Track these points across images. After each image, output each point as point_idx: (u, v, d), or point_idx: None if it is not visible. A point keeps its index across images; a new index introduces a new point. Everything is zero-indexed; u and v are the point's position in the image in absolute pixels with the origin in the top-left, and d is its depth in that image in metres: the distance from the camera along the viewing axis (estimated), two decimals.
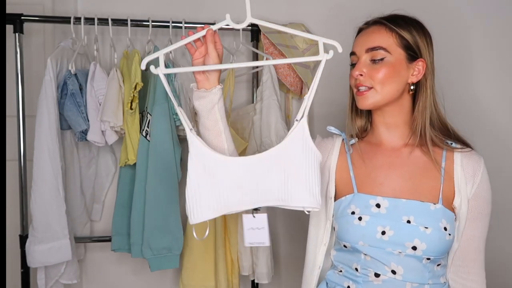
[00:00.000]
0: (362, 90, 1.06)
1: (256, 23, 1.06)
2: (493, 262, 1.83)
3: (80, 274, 1.64)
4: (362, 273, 1.05)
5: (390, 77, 1.05)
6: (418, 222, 1.01)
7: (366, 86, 1.06)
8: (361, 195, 1.08)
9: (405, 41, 1.06)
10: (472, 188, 1.05)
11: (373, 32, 1.07)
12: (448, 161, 1.07)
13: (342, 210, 1.10)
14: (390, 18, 1.08)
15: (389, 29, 1.06)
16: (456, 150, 1.07)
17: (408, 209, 1.03)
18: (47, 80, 1.41)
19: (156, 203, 1.41)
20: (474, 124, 1.80)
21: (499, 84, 1.85)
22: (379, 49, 1.05)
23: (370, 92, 1.06)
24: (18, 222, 1.55)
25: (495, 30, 1.84)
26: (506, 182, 1.86)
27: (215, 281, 1.57)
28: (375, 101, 1.06)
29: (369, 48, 1.06)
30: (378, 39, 1.06)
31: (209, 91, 1.01)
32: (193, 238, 1.56)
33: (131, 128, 1.49)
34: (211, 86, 1.01)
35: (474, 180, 1.05)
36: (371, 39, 1.07)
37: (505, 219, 1.88)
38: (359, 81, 1.06)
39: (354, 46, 1.10)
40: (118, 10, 1.67)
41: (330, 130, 1.17)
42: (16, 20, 1.49)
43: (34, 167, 1.43)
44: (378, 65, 1.05)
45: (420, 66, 1.07)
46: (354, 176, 1.12)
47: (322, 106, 1.81)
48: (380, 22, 1.08)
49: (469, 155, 1.07)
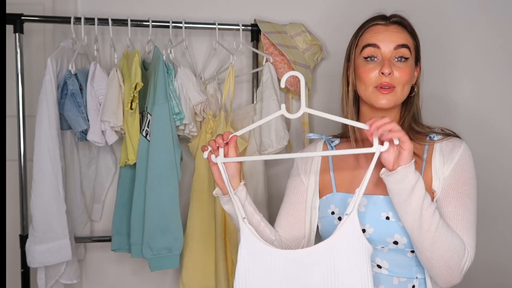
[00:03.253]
0: (385, 88, 1.04)
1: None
2: (493, 262, 1.84)
3: (80, 274, 1.64)
4: None
5: (409, 79, 1.06)
6: (396, 217, 1.01)
7: (391, 86, 1.04)
8: (340, 194, 1.09)
9: (416, 44, 1.08)
10: (447, 169, 1.03)
11: (397, 31, 1.06)
12: (429, 152, 1.06)
13: (323, 210, 1.11)
14: (405, 20, 1.09)
15: (408, 31, 1.07)
16: (438, 141, 1.07)
17: (386, 205, 1.02)
18: (47, 80, 1.41)
19: (156, 203, 1.41)
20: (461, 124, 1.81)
21: (485, 84, 1.86)
22: (406, 47, 1.05)
23: (393, 92, 1.05)
24: (18, 222, 1.55)
25: (481, 29, 1.85)
26: (503, 182, 1.86)
27: (215, 281, 1.57)
28: (395, 101, 1.06)
29: (400, 44, 1.05)
30: (404, 38, 1.06)
31: (235, 192, 1.04)
32: (193, 238, 1.56)
33: (131, 128, 1.49)
34: (235, 187, 1.05)
35: (451, 160, 1.03)
36: (399, 37, 1.06)
37: (505, 219, 1.87)
38: (386, 79, 1.04)
39: (375, 39, 1.06)
40: (118, 10, 1.67)
41: (309, 137, 1.18)
42: (16, 20, 1.49)
43: (34, 167, 1.43)
44: (403, 65, 1.05)
45: (418, 71, 1.10)
46: (334, 176, 1.12)
47: (323, 107, 1.81)
48: (401, 23, 1.08)
49: (448, 141, 1.07)
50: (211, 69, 1.74)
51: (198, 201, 1.56)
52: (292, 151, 1.79)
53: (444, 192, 1.02)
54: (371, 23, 1.09)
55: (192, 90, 1.52)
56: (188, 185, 1.63)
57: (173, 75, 1.51)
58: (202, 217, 1.57)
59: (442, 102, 1.82)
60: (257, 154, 1.61)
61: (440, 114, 1.77)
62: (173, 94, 1.46)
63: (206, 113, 1.58)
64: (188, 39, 1.66)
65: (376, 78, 1.05)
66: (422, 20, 1.26)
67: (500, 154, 1.87)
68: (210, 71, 1.74)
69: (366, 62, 1.07)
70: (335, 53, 1.77)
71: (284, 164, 1.80)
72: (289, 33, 1.68)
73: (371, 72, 1.05)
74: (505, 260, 1.87)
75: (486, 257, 1.07)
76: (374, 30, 1.08)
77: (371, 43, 1.06)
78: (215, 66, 1.74)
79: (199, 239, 1.56)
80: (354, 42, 1.12)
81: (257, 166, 1.62)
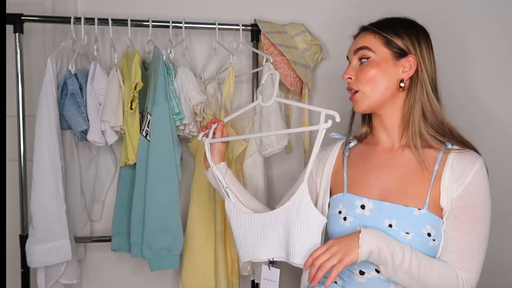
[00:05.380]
0: (352, 93, 1.11)
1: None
2: (493, 262, 1.84)
3: (80, 274, 1.64)
4: (348, 269, 1.08)
5: (375, 75, 1.08)
6: (399, 227, 1.01)
7: (354, 90, 1.10)
8: (350, 195, 1.11)
9: (389, 40, 1.08)
10: (458, 188, 1.01)
11: (360, 37, 1.13)
12: (442, 164, 1.05)
13: (332, 208, 1.14)
14: (375, 23, 1.13)
15: (373, 32, 1.11)
16: (453, 151, 1.05)
17: (391, 213, 1.03)
18: (47, 80, 1.41)
19: (156, 203, 1.41)
20: (474, 123, 1.80)
21: (498, 83, 1.85)
22: (364, 49, 1.10)
23: (358, 96, 1.10)
24: (18, 222, 1.55)
25: (494, 29, 1.84)
26: (507, 182, 1.86)
27: (215, 281, 1.57)
28: (367, 103, 1.10)
29: (356, 48, 1.11)
30: (363, 41, 1.11)
31: (217, 168, 1.22)
32: (193, 238, 1.56)
33: (131, 128, 1.49)
34: (216, 164, 1.23)
35: (463, 179, 1.01)
36: (357, 42, 1.13)
37: (505, 220, 1.87)
38: (349, 85, 1.12)
39: (348, 52, 1.16)
40: (118, 10, 1.67)
41: (332, 136, 1.23)
42: (16, 20, 1.48)
43: (34, 167, 1.43)
44: (363, 66, 1.09)
45: (412, 62, 1.07)
46: (347, 177, 1.15)
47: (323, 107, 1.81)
48: (365, 28, 1.14)
49: (463, 154, 1.04)
50: (211, 69, 1.74)
51: (198, 201, 1.56)
52: (292, 151, 1.79)
53: (454, 213, 1.01)
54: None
55: (192, 90, 1.52)
56: (188, 185, 1.63)
57: (173, 75, 1.51)
58: (202, 217, 1.57)
59: (457, 101, 1.77)
60: (257, 155, 1.61)
61: (454, 113, 1.76)
62: (173, 94, 1.46)
63: (206, 113, 1.58)
64: (188, 39, 1.66)
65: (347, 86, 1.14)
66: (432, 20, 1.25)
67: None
68: (210, 71, 1.74)
69: None
70: (335, 53, 1.77)
71: (284, 164, 1.80)
72: (289, 33, 1.68)
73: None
74: (505, 260, 1.86)
75: (486, 257, 1.07)
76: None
77: (347, 57, 1.16)
78: (215, 66, 1.74)
79: (199, 239, 1.56)
80: None
81: (257, 166, 1.62)
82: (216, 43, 1.61)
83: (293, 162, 1.81)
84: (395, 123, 1.11)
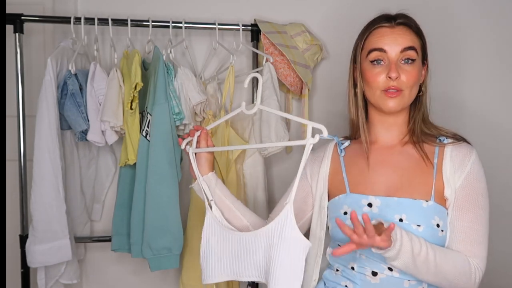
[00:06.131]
0: (393, 92, 1.04)
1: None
2: (493, 262, 1.84)
3: (80, 274, 1.64)
4: (359, 272, 1.06)
5: (417, 80, 1.06)
6: (410, 220, 1.01)
7: (398, 89, 1.04)
8: (353, 195, 1.09)
9: (422, 43, 1.08)
10: (460, 178, 1.03)
11: (403, 33, 1.05)
12: (440, 157, 1.06)
13: (334, 211, 1.11)
14: (411, 20, 1.08)
15: (414, 32, 1.06)
16: (449, 144, 1.07)
17: (400, 207, 1.03)
18: (47, 80, 1.41)
19: (156, 203, 1.41)
20: (468, 123, 1.81)
21: (491, 83, 1.85)
22: (412, 49, 1.04)
23: (401, 95, 1.04)
24: (18, 222, 1.55)
25: (487, 29, 1.84)
26: (503, 183, 1.86)
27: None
28: (403, 105, 1.06)
29: (406, 47, 1.04)
30: (410, 40, 1.05)
31: (204, 178, 1.13)
32: (193, 238, 1.56)
33: (131, 128, 1.49)
34: (205, 174, 1.14)
35: (462, 169, 1.03)
36: (405, 39, 1.05)
37: (505, 220, 1.87)
38: (393, 83, 1.03)
39: (381, 43, 1.06)
40: (118, 10, 1.67)
41: (322, 137, 1.18)
42: (16, 20, 1.48)
43: (34, 167, 1.43)
44: (410, 67, 1.04)
45: (426, 67, 1.09)
46: (347, 177, 1.12)
47: (323, 107, 1.81)
48: (406, 23, 1.06)
49: (459, 146, 1.07)
50: (211, 69, 1.74)
51: (198, 201, 1.56)
52: (292, 151, 1.79)
53: (458, 203, 1.03)
54: (376, 25, 1.08)
55: (192, 90, 1.52)
56: (188, 185, 1.63)
57: (173, 75, 1.51)
58: (202, 217, 1.56)
59: (450, 102, 1.81)
60: (257, 155, 1.61)
61: (448, 114, 1.77)
62: (173, 94, 1.46)
63: (206, 113, 1.58)
64: (188, 39, 1.66)
65: (383, 82, 1.04)
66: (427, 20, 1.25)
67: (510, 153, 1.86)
68: (210, 71, 1.74)
69: (373, 66, 1.06)
70: (335, 53, 1.77)
71: (284, 164, 1.80)
72: (289, 33, 1.68)
73: (378, 76, 1.05)
74: (505, 261, 1.86)
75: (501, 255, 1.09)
76: (379, 33, 1.07)
77: (377, 48, 1.05)
78: (215, 66, 1.74)
79: (199, 239, 1.56)
80: (359, 45, 1.10)
81: (257, 166, 1.62)
82: (216, 43, 1.61)
83: (293, 162, 1.81)
84: (398, 121, 1.11)
